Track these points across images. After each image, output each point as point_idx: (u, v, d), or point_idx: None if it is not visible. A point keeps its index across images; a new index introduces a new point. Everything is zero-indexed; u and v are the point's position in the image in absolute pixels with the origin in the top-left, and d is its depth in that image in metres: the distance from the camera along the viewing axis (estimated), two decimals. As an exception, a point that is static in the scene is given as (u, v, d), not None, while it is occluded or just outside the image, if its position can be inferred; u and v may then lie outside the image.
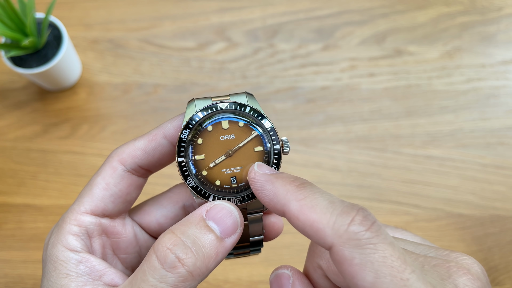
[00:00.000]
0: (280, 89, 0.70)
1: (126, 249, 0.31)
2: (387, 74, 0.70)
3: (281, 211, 0.24)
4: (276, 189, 0.25)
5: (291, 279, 0.27)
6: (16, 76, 0.70)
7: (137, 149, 0.29)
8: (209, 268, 0.25)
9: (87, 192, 0.29)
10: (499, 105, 0.69)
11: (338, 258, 0.22)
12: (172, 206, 0.32)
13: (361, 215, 0.22)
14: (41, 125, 0.68)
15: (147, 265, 0.24)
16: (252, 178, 0.26)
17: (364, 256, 0.21)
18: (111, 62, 0.71)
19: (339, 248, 0.21)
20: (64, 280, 0.26)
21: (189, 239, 0.25)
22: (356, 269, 0.21)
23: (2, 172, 0.66)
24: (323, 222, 0.22)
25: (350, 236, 0.21)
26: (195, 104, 0.29)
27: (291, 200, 0.24)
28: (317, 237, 0.22)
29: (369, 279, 0.21)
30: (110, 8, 0.73)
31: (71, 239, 0.27)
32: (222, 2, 0.74)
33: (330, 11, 0.73)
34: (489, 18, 0.73)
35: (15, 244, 0.63)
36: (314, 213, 0.23)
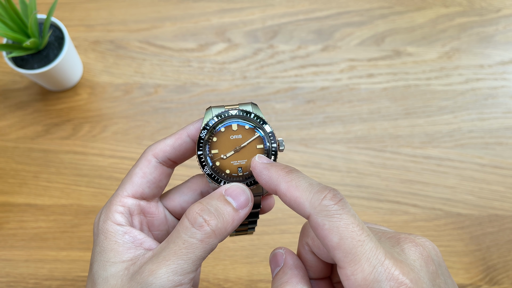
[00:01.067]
0: (280, 90, 0.70)
1: (159, 226, 0.38)
2: (386, 74, 0.71)
3: (274, 190, 0.32)
4: (270, 173, 0.32)
5: (284, 256, 0.35)
6: (18, 76, 0.70)
7: (166, 145, 0.37)
8: (227, 230, 0.32)
9: (128, 180, 0.36)
10: (498, 106, 0.70)
11: (313, 225, 0.29)
12: (192, 193, 0.39)
13: (332, 193, 0.29)
14: (42, 125, 0.68)
15: (180, 226, 0.31)
16: (253, 166, 0.34)
17: (332, 223, 0.28)
18: (112, 63, 0.71)
19: (314, 217, 0.29)
20: (114, 245, 0.34)
21: (213, 207, 0.32)
22: (326, 233, 0.28)
23: (4, 172, 0.66)
24: (303, 197, 0.30)
25: (322, 208, 0.29)
26: (212, 111, 0.37)
27: (281, 182, 0.31)
28: (299, 209, 0.30)
29: (335, 240, 0.28)
30: (111, 9, 0.74)
31: (118, 216, 0.35)
32: (222, 3, 0.74)
33: (329, 12, 0.74)
34: (487, 19, 0.74)
35: (17, 243, 0.64)
36: (297, 191, 0.30)
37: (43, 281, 0.62)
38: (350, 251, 0.27)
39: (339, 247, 0.28)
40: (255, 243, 0.64)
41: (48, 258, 0.63)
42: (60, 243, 0.64)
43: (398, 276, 0.27)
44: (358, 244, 0.27)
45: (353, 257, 0.27)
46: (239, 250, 0.63)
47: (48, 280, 0.62)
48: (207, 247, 0.31)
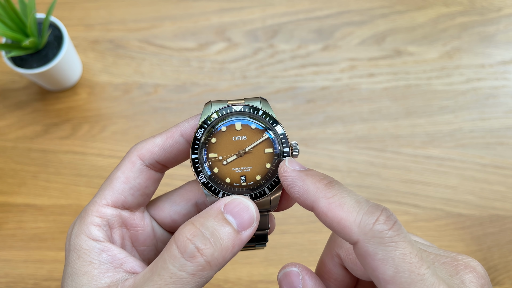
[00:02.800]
0: (280, 89, 0.70)
1: (144, 241, 0.32)
2: (386, 74, 0.71)
3: (310, 207, 0.26)
4: (306, 186, 0.27)
5: (301, 276, 0.29)
6: (17, 76, 0.70)
7: (155, 145, 0.31)
8: (226, 258, 0.26)
9: (108, 186, 0.31)
10: (499, 105, 0.70)
11: (362, 253, 0.24)
12: (185, 203, 0.33)
13: (385, 215, 0.24)
14: (41, 125, 0.68)
15: (167, 254, 0.26)
16: (283, 174, 0.28)
17: (386, 253, 0.24)
18: (111, 62, 0.71)
19: (364, 244, 0.24)
20: (88, 267, 0.28)
21: (208, 231, 0.26)
22: (378, 263, 0.24)
23: (3, 172, 0.66)
24: (350, 220, 0.25)
25: (374, 234, 0.24)
26: (212, 106, 0.31)
27: (320, 198, 0.26)
28: (344, 233, 0.25)
29: (389, 273, 0.23)
30: (111, 9, 0.73)
31: (94, 230, 0.29)
32: (222, 3, 0.74)
33: (329, 12, 0.74)
34: (488, 19, 0.73)
35: (16, 244, 0.63)
36: (342, 211, 0.25)
37: (42, 282, 0.62)
38: (406, 286, 0.23)
39: (394, 282, 0.23)
40: (255, 244, 0.63)
41: (47, 258, 0.63)
42: (59, 243, 0.63)
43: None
44: (417, 278, 0.23)
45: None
46: (239, 250, 0.63)
47: (47, 280, 0.62)
48: (200, 281, 0.26)
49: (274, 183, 0.30)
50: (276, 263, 0.62)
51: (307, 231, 0.64)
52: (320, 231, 0.64)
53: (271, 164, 0.30)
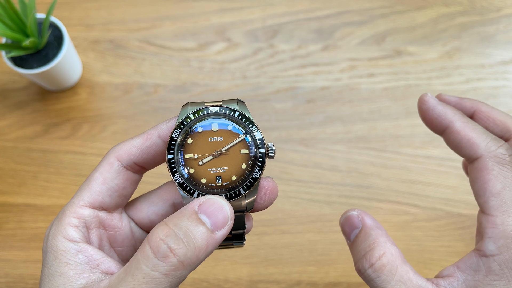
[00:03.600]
0: (280, 89, 0.70)
1: (123, 242, 0.33)
2: (386, 74, 0.71)
3: (444, 126, 0.32)
4: (446, 109, 0.32)
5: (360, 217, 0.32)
6: (17, 76, 0.70)
7: (133, 147, 0.31)
8: (199, 258, 0.27)
9: (85, 187, 0.31)
10: (498, 105, 0.70)
11: (480, 167, 0.30)
12: (162, 204, 0.33)
13: (506, 146, 0.30)
14: (42, 125, 0.68)
15: (141, 254, 0.26)
16: (426, 99, 0.33)
17: (501, 171, 0.29)
18: (111, 63, 0.71)
19: (485, 159, 0.30)
20: (64, 268, 0.28)
21: (181, 231, 0.26)
22: (491, 177, 0.29)
23: (3, 172, 0.66)
24: (480, 139, 0.30)
25: (496, 154, 0.30)
26: (189, 108, 0.31)
27: (457, 120, 0.31)
28: (471, 148, 0.30)
29: (498, 187, 0.29)
30: (111, 9, 0.73)
31: (71, 230, 0.29)
32: (222, 3, 0.74)
33: (329, 12, 0.74)
34: (488, 19, 0.73)
35: (16, 243, 0.63)
36: (474, 132, 0.31)
37: (42, 282, 0.62)
38: (508, 203, 0.28)
39: (499, 195, 0.28)
40: (255, 244, 0.63)
41: (47, 258, 0.63)
42: (59, 243, 0.63)
43: None
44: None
45: (509, 209, 0.28)
46: (239, 250, 0.63)
47: (47, 280, 0.62)
48: (174, 281, 0.26)
49: (249, 184, 0.31)
50: (276, 263, 0.62)
51: (307, 231, 0.64)
52: (320, 231, 0.64)
53: (246, 164, 0.31)
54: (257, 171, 0.31)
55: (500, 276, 0.27)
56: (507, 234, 0.28)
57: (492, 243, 0.28)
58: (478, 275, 0.28)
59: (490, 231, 0.28)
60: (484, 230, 0.29)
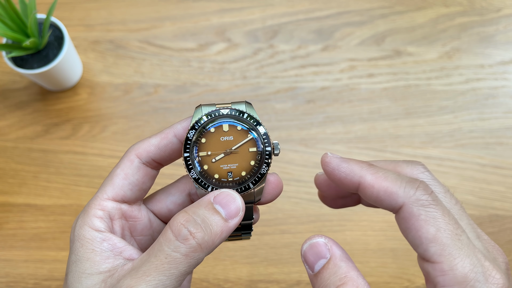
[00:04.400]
0: (280, 90, 0.70)
1: (142, 231, 0.36)
2: (386, 74, 0.71)
3: (356, 183, 0.31)
4: (351, 166, 0.31)
5: (328, 245, 0.30)
6: (18, 76, 0.70)
7: (151, 145, 0.34)
8: (215, 243, 0.29)
9: (108, 182, 0.34)
10: (498, 106, 0.70)
11: (406, 215, 0.28)
12: (179, 194, 0.36)
13: (423, 185, 0.29)
14: (42, 125, 0.68)
15: (163, 238, 0.29)
16: (327, 161, 0.32)
17: (428, 213, 0.28)
18: (112, 63, 0.71)
19: (409, 206, 0.28)
20: (90, 254, 0.31)
21: (199, 218, 0.29)
22: (421, 223, 0.27)
23: (3, 172, 0.66)
24: (395, 187, 0.29)
25: (417, 198, 0.28)
26: (202, 109, 0.34)
27: (366, 174, 0.30)
28: (390, 199, 0.29)
29: (431, 231, 0.27)
30: (111, 9, 0.73)
31: (96, 221, 0.32)
32: (222, 3, 0.74)
33: (329, 12, 0.74)
34: (488, 19, 0.74)
35: (17, 243, 0.64)
36: (387, 182, 0.29)
37: (42, 281, 0.62)
38: (448, 244, 0.26)
39: (436, 240, 0.27)
40: (255, 243, 0.64)
41: (48, 258, 0.63)
42: (59, 243, 0.64)
43: (496, 277, 0.26)
44: (456, 237, 0.27)
45: (452, 251, 0.26)
46: (239, 250, 0.63)
47: (47, 280, 0.62)
48: (192, 262, 0.29)
49: (257, 178, 0.34)
50: (276, 263, 0.63)
51: (307, 231, 0.64)
52: (320, 231, 0.64)
53: (254, 161, 0.34)
54: (264, 167, 0.34)
55: None
56: (459, 279, 0.26)
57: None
58: None
59: (441, 280, 0.26)
60: (435, 280, 0.27)
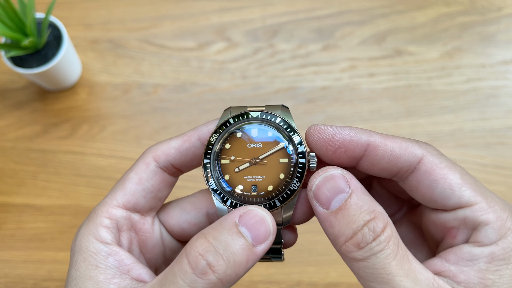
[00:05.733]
0: (280, 89, 0.70)
1: (153, 248, 0.31)
2: (387, 74, 0.70)
3: (363, 144, 0.27)
4: (354, 128, 0.28)
5: (347, 177, 0.27)
6: (16, 76, 0.70)
7: (171, 148, 0.30)
8: (238, 275, 0.25)
9: (120, 186, 0.30)
10: (499, 105, 0.69)
11: (430, 167, 0.26)
12: (195, 213, 0.32)
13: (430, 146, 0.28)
14: (41, 125, 0.68)
15: (178, 267, 0.25)
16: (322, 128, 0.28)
17: (448, 161, 0.27)
18: (111, 62, 0.71)
19: (430, 156, 0.27)
20: (94, 271, 0.27)
21: (221, 245, 0.25)
22: (446, 170, 0.26)
23: (2, 172, 0.66)
24: (408, 143, 0.27)
25: (433, 149, 0.27)
26: (230, 111, 0.30)
27: (374, 134, 0.28)
28: (407, 153, 0.27)
29: (458, 175, 0.26)
30: (110, 8, 0.73)
31: (102, 231, 0.28)
32: (222, 2, 0.74)
33: (330, 11, 0.74)
34: (489, 18, 0.73)
35: (15, 244, 0.63)
36: (397, 139, 0.28)
37: (41, 282, 0.62)
38: (476, 184, 0.26)
39: (465, 182, 0.26)
40: (255, 244, 0.63)
41: (47, 258, 0.63)
42: (58, 243, 0.63)
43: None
44: (480, 184, 0.27)
45: (481, 190, 0.26)
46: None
47: (46, 281, 0.62)
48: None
49: (286, 195, 0.29)
50: (276, 263, 0.62)
51: (307, 231, 0.64)
52: (320, 231, 0.64)
53: (285, 175, 0.29)
54: (295, 182, 0.29)
55: (506, 260, 0.25)
56: (500, 215, 0.26)
57: (492, 230, 0.26)
58: (479, 265, 0.25)
59: (485, 218, 0.26)
60: (476, 221, 0.26)
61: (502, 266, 0.25)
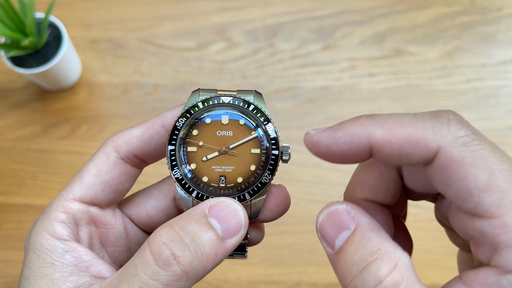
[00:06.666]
0: (280, 89, 0.70)
1: (115, 241, 0.29)
2: (387, 74, 0.70)
3: (366, 148, 0.22)
4: (349, 129, 0.23)
5: (352, 213, 0.23)
6: (16, 76, 0.70)
7: (133, 137, 0.28)
8: (206, 269, 0.24)
9: (77, 179, 0.28)
10: (499, 105, 0.69)
11: (445, 163, 0.20)
12: (163, 197, 0.30)
13: (454, 114, 0.21)
14: (41, 125, 0.68)
15: (139, 259, 0.23)
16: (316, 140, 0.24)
17: (474, 154, 0.20)
18: (111, 62, 0.71)
19: (447, 150, 0.20)
20: (48, 269, 0.25)
21: (188, 236, 0.23)
22: (467, 168, 0.20)
23: (2, 172, 0.66)
24: (420, 131, 0.21)
25: (454, 135, 0.20)
26: (199, 94, 0.28)
27: (373, 130, 0.22)
28: (419, 149, 0.21)
29: (483, 177, 0.19)
30: (110, 8, 0.73)
31: (58, 227, 0.26)
32: (222, 2, 0.74)
33: (330, 11, 0.73)
34: (489, 18, 0.73)
35: (15, 244, 0.63)
36: (405, 128, 0.21)
37: (41, 282, 0.62)
38: (508, 189, 0.19)
39: (491, 187, 0.19)
40: (255, 244, 0.63)
41: (47, 259, 0.63)
42: (58, 243, 0.63)
43: None
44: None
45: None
46: (239, 250, 0.63)
47: (46, 281, 0.62)
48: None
49: (256, 189, 0.27)
50: (276, 264, 0.62)
51: (307, 231, 0.64)
52: (320, 232, 0.64)
53: (256, 166, 0.27)
54: (267, 175, 0.27)
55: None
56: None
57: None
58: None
59: (506, 238, 0.19)
60: (495, 240, 0.20)
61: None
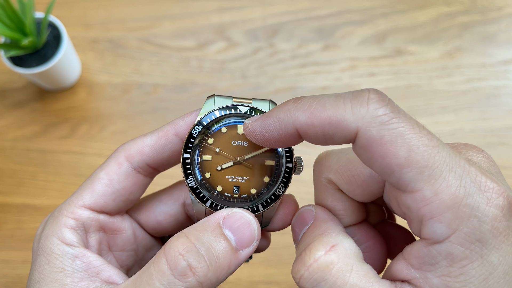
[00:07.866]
0: (280, 89, 0.69)
1: (123, 246, 0.29)
2: (387, 74, 0.70)
3: (294, 133, 0.23)
4: (277, 116, 0.23)
5: (314, 211, 0.26)
6: (16, 76, 0.70)
7: (146, 146, 0.27)
8: (219, 280, 0.24)
9: (88, 186, 0.28)
10: (500, 105, 0.69)
11: (365, 142, 0.21)
12: (172, 203, 0.30)
13: (375, 93, 0.21)
14: (40, 125, 0.68)
15: (155, 268, 0.23)
16: (250, 130, 0.24)
17: (393, 132, 0.20)
18: (110, 62, 0.71)
19: (365, 130, 0.20)
20: (59, 275, 0.25)
21: (203, 247, 0.23)
22: (387, 147, 0.20)
23: (1, 172, 0.66)
24: (339, 112, 0.21)
25: (373, 115, 0.21)
26: (215, 101, 0.27)
27: (298, 114, 0.22)
28: (340, 130, 0.21)
29: (402, 154, 0.20)
30: (110, 8, 0.73)
31: (67, 233, 0.26)
32: (222, 2, 0.74)
33: (330, 11, 0.73)
34: (489, 18, 0.73)
35: (15, 244, 0.63)
36: (326, 110, 0.21)
37: (41, 282, 0.62)
38: (426, 164, 0.20)
39: (410, 163, 0.20)
40: (255, 244, 0.63)
41: (46, 259, 0.63)
42: (58, 244, 0.63)
43: (490, 185, 0.20)
44: (434, 152, 0.20)
45: (432, 171, 0.20)
46: (239, 251, 0.63)
47: (46, 281, 0.62)
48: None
49: (269, 200, 0.27)
50: (276, 264, 0.62)
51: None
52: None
53: (269, 178, 0.27)
54: (280, 187, 0.27)
55: (469, 258, 0.20)
56: (448, 203, 0.20)
57: (438, 224, 0.20)
58: (440, 269, 0.21)
59: (427, 211, 0.20)
60: (419, 213, 0.20)
61: (466, 268, 0.20)
